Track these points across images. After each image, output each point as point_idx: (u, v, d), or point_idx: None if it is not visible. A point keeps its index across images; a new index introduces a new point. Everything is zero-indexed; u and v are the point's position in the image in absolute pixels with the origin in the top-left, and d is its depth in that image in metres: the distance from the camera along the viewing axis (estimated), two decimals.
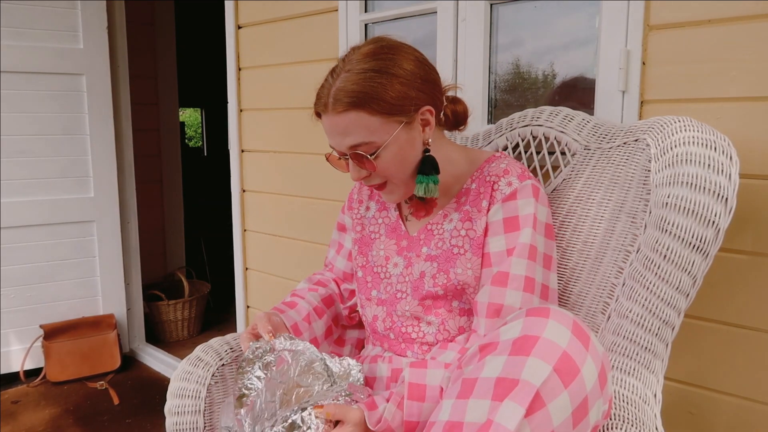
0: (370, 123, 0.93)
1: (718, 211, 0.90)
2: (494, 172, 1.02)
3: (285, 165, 2.11)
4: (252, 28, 2.15)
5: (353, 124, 0.93)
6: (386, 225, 1.13)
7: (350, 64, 0.95)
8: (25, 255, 2.62)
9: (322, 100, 0.97)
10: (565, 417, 0.68)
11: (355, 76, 0.92)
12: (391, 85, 0.92)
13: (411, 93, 0.94)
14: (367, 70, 0.92)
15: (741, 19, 1.11)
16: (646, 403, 0.94)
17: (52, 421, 2.29)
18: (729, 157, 0.93)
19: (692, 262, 0.92)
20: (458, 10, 1.53)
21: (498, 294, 0.95)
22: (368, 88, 0.91)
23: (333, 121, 0.95)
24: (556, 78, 1.46)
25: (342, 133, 0.95)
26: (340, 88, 0.93)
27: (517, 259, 0.96)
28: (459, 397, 0.72)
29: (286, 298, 1.20)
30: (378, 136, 0.94)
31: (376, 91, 0.91)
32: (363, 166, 0.97)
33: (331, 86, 0.95)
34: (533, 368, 0.68)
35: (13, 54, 2.50)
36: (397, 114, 0.94)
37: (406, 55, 0.97)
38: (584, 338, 0.72)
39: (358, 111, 0.92)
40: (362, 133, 0.93)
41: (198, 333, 3.26)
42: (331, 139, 0.99)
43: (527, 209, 0.98)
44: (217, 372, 1.13)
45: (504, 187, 0.99)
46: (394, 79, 0.93)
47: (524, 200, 0.98)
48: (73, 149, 2.68)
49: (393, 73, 0.93)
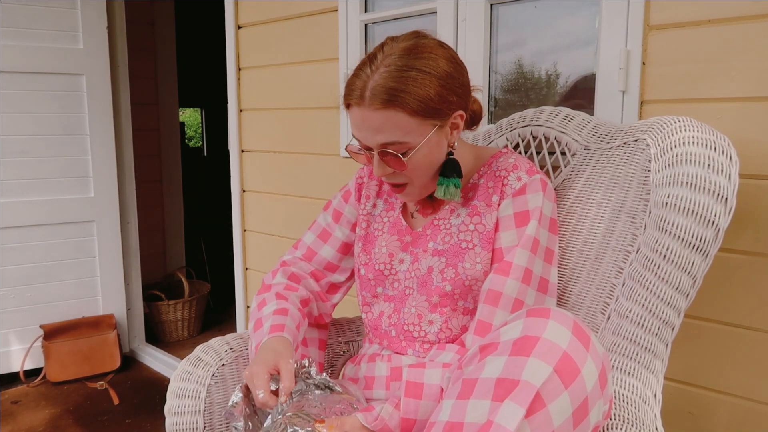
0: (406, 123, 0.91)
1: (718, 211, 0.90)
2: (503, 166, 1.02)
3: (285, 165, 2.11)
4: (252, 28, 2.15)
5: (389, 123, 0.91)
6: (389, 222, 1.13)
7: (390, 58, 0.91)
8: (25, 255, 2.62)
9: (356, 92, 0.93)
10: (566, 417, 0.68)
11: (397, 72, 0.90)
12: (431, 86, 0.91)
13: (449, 97, 0.93)
14: (410, 67, 0.90)
15: (741, 19, 1.11)
16: (646, 403, 0.94)
17: (52, 421, 2.29)
18: (729, 157, 0.93)
19: (692, 262, 0.92)
20: (458, 10, 1.53)
21: (499, 282, 0.96)
22: (409, 86, 0.89)
23: (368, 116, 0.92)
24: (559, 78, 1.46)
25: (375, 129, 0.93)
26: (380, 83, 0.90)
27: (520, 250, 0.97)
28: (459, 398, 0.72)
29: (270, 301, 1.08)
30: (412, 137, 0.93)
31: (416, 90, 0.90)
32: (391, 165, 0.96)
33: (369, 78, 0.91)
34: (533, 369, 0.68)
35: (13, 54, 2.50)
36: (433, 116, 0.93)
37: (445, 54, 0.95)
38: (585, 339, 0.72)
39: (396, 109, 0.90)
40: (397, 132, 0.92)
41: (198, 333, 3.26)
42: (359, 132, 0.96)
43: (535, 202, 0.99)
44: (217, 372, 1.13)
45: (514, 182, 1.00)
46: (435, 81, 0.91)
47: (533, 194, 0.99)
48: (73, 149, 2.68)
49: (434, 74, 0.91)
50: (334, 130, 1.91)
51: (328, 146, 1.94)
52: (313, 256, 1.21)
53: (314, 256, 1.20)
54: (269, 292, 1.11)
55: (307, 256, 1.21)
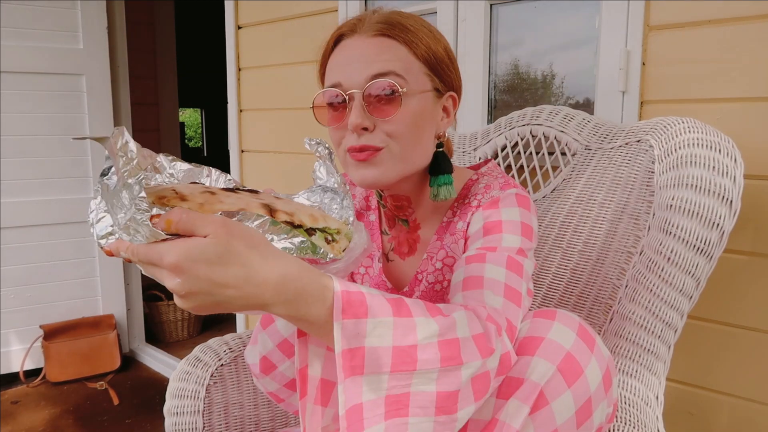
0: (407, 60, 0.79)
1: (723, 214, 0.90)
2: (473, 194, 0.88)
3: (285, 165, 2.10)
4: (252, 29, 2.15)
5: (389, 51, 0.79)
6: (369, 278, 0.96)
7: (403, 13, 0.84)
8: (25, 255, 2.62)
9: (353, 22, 0.84)
10: (569, 416, 0.68)
11: (402, 15, 0.82)
12: (440, 44, 0.83)
13: (450, 68, 0.85)
14: (417, 20, 0.83)
15: (741, 20, 1.11)
16: (647, 404, 0.94)
17: (52, 421, 2.29)
18: (733, 160, 0.93)
19: (696, 264, 0.91)
20: (458, 10, 1.53)
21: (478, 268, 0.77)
22: (418, 30, 0.81)
23: (363, 43, 0.80)
24: (557, 77, 1.45)
25: (370, 58, 0.78)
26: (384, 15, 0.82)
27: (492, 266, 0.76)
28: None
29: None
30: (410, 77, 0.79)
31: (425, 38, 0.81)
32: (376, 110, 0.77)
33: (368, 16, 0.83)
34: (537, 367, 0.68)
35: (13, 54, 2.50)
36: (435, 73, 0.82)
37: (444, 39, 0.87)
38: (589, 341, 0.72)
39: (400, 42, 0.80)
40: (396, 63, 0.78)
41: (197, 333, 3.26)
42: (344, 68, 0.80)
43: (510, 215, 0.81)
44: (216, 372, 1.13)
45: (484, 200, 0.85)
46: (441, 43, 0.83)
47: (507, 208, 0.83)
48: (73, 149, 2.68)
49: (440, 39, 0.84)
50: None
51: None
52: None
53: None
54: None
55: None
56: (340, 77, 0.81)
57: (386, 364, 0.57)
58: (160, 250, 0.52)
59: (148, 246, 0.53)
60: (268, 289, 0.54)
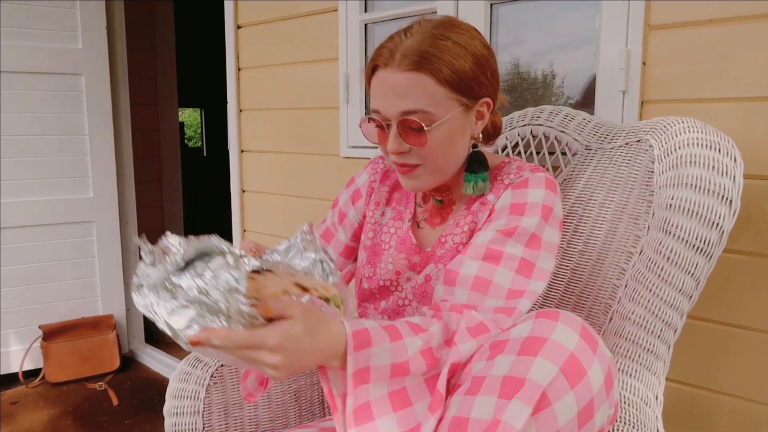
0: (434, 92, 0.86)
1: (722, 213, 0.90)
2: (506, 172, 0.98)
3: (285, 165, 2.10)
4: (252, 28, 2.15)
5: (416, 87, 0.86)
6: (398, 237, 1.06)
7: (426, 26, 0.88)
8: (24, 255, 2.61)
9: (386, 54, 0.88)
10: (571, 418, 0.68)
11: (431, 38, 0.86)
12: (465, 60, 0.87)
13: (481, 77, 0.89)
14: (445, 36, 0.87)
15: (741, 19, 1.11)
16: (647, 404, 0.93)
17: (52, 421, 2.28)
18: (733, 159, 0.92)
19: (695, 264, 0.91)
20: (458, 10, 1.53)
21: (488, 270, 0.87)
22: (443, 53, 0.86)
23: (394, 78, 0.87)
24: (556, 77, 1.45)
25: (400, 94, 0.87)
26: (412, 46, 0.86)
27: (513, 242, 0.87)
28: (467, 394, 0.73)
29: None
30: (437, 108, 0.87)
31: (450, 59, 0.86)
32: (408, 139, 0.89)
33: (402, 42, 0.87)
34: (540, 368, 0.68)
35: (12, 54, 2.49)
36: (462, 93, 0.88)
37: (480, 37, 0.92)
38: (592, 342, 0.72)
39: (426, 74, 0.85)
40: (423, 99, 0.86)
41: None
42: (381, 100, 0.90)
43: (536, 196, 0.91)
44: (216, 373, 1.13)
45: (515, 178, 0.95)
46: (469, 55, 0.87)
47: (535, 189, 0.91)
48: (73, 149, 2.68)
49: (469, 49, 0.88)
50: (334, 130, 1.90)
51: (328, 146, 1.93)
52: None
53: None
54: None
55: None
56: (379, 106, 0.91)
57: (386, 376, 0.74)
58: (263, 334, 0.66)
59: (249, 332, 0.66)
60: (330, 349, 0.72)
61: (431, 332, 0.78)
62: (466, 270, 0.88)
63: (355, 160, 1.85)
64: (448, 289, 0.89)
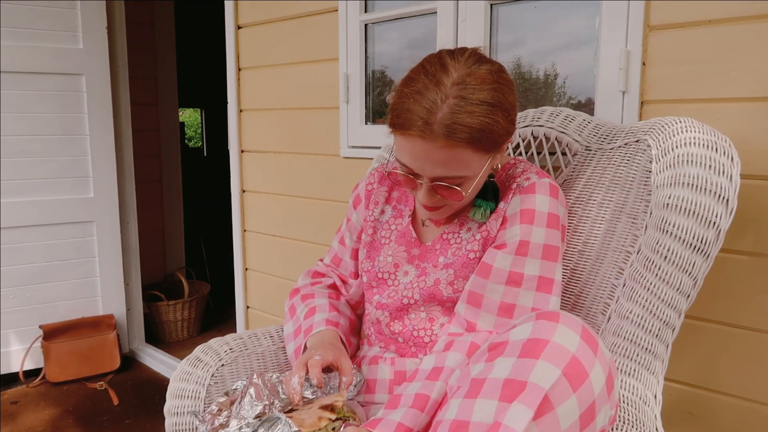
0: (472, 159, 0.88)
1: (719, 212, 0.90)
2: (512, 176, 1.00)
3: (285, 165, 2.10)
4: (252, 28, 2.15)
5: (456, 160, 0.87)
6: (397, 231, 1.10)
7: (467, 90, 0.85)
8: (25, 255, 2.62)
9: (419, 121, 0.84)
10: (573, 421, 0.68)
11: (476, 108, 0.84)
12: (503, 123, 0.88)
13: (510, 128, 0.91)
14: (486, 103, 0.85)
15: (741, 19, 1.11)
16: (646, 404, 0.94)
17: (52, 421, 2.29)
18: (730, 158, 0.93)
19: (693, 263, 0.92)
20: (458, 10, 1.53)
21: (511, 294, 0.94)
22: (486, 126, 0.85)
23: (431, 149, 0.86)
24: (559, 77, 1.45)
25: (436, 163, 0.87)
26: (457, 120, 0.83)
27: (531, 260, 0.94)
28: (467, 396, 0.72)
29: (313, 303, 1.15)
30: (472, 170, 0.90)
31: (492, 130, 0.86)
32: (444, 196, 0.92)
33: (437, 109, 0.84)
34: (542, 371, 0.68)
35: (13, 54, 2.50)
36: (489, 149, 0.89)
37: (508, 81, 0.91)
38: (593, 344, 0.72)
39: (467, 148, 0.86)
40: (460, 168, 0.88)
41: (198, 333, 3.26)
42: (413, 161, 0.89)
43: (543, 204, 0.95)
44: (216, 373, 1.13)
45: (522, 182, 0.97)
46: (505, 117, 0.88)
47: (542, 196, 0.95)
48: (73, 149, 2.68)
49: (506, 108, 0.88)
50: (334, 130, 1.91)
51: (328, 146, 1.93)
52: (339, 263, 1.23)
53: (340, 262, 1.22)
54: (297, 296, 1.18)
55: (334, 261, 1.24)
56: (411, 164, 0.90)
57: None
58: None
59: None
60: None
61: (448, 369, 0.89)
62: (491, 294, 0.95)
63: (355, 160, 1.85)
64: (472, 310, 0.96)
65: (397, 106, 0.88)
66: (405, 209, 1.11)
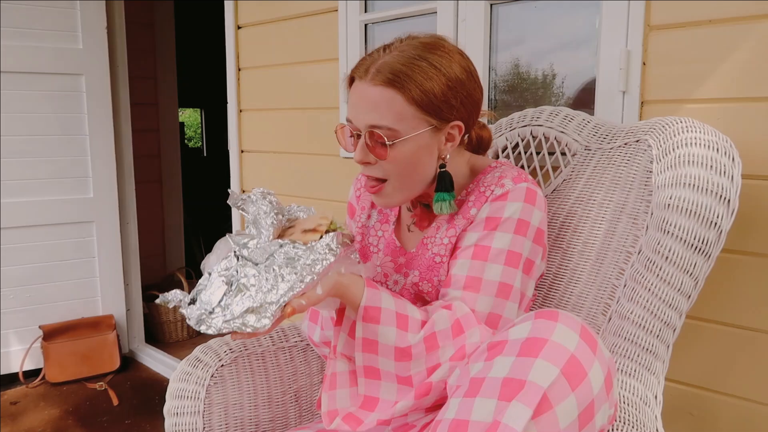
0: (401, 109, 0.89)
1: (721, 213, 0.90)
2: (488, 182, 0.98)
3: (285, 165, 2.10)
4: (252, 29, 2.15)
5: (385, 103, 0.89)
6: (384, 239, 1.09)
7: (406, 45, 0.92)
8: (24, 255, 2.62)
9: (363, 66, 0.92)
10: (572, 420, 0.68)
11: (406, 57, 0.89)
12: (438, 81, 0.89)
13: (452, 100, 0.91)
14: (421, 57, 0.90)
15: (741, 19, 1.11)
16: (646, 404, 0.93)
17: (52, 422, 2.28)
18: (731, 159, 0.93)
19: (694, 263, 0.91)
20: (458, 10, 1.53)
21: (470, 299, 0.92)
22: (415, 73, 0.88)
23: (366, 91, 0.91)
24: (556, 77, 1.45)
25: (370, 107, 0.91)
26: (387, 61, 0.89)
27: (491, 265, 0.92)
28: (466, 396, 0.72)
29: None
30: (403, 126, 0.90)
31: (422, 80, 0.88)
32: (373, 151, 0.92)
33: (379, 57, 0.91)
34: (541, 370, 0.68)
35: (12, 54, 2.50)
36: (431, 114, 0.91)
37: (462, 62, 0.93)
38: (592, 343, 0.72)
39: (396, 91, 0.88)
40: (390, 116, 0.90)
41: (197, 334, 3.25)
42: (353, 110, 0.94)
43: (512, 211, 0.93)
44: (216, 373, 1.13)
45: (496, 189, 0.95)
46: (442, 78, 0.90)
47: (513, 202, 0.93)
48: (73, 150, 2.68)
49: (444, 72, 0.90)
50: (333, 130, 1.90)
51: (328, 146, 1.93)
52: None
53: None
54: None
55: None
56: (351, 116, 0.95)
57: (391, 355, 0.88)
58: None
59: None
60: None
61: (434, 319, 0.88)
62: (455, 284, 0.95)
63: None
64: None
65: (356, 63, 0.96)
66: (390, 214, 1.10)
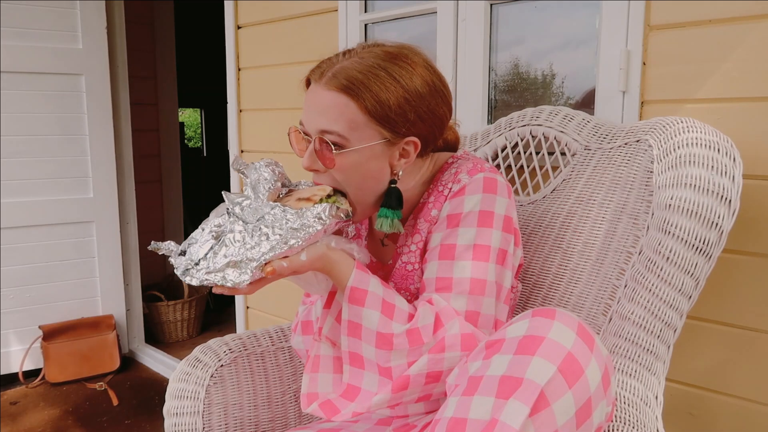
0: (353, 117, 0.86)
1: (722, 213, 0.90)
2: (445, 180, 0.96)
3: (284, 165, 2.10)
4: (252, 28, 2.15)
5: (336, 109, 0.86)
6: None
7: (367, 52, 0.88)
8: (24, 255, 2.61)
9: (320, 70, 0.89)
10: (569, 417, 0.68)
11: (365, 65, 0.86)
12: (394, 93, 0.86)
13: (409, 115, 0.87)
14: (380, 66, 0.86)
15: (741, 19, 1.11)
16: (647, 404, 0.93)
17: (52, 422, 2.28)
18: (732, 159, 0.92)
19: (695, 263, 0.91)
20: (458, 10, 1.53)
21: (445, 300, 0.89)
22: (371, 81, 0.85)
23: (319, 94, 0.87)
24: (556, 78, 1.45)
25: (321, 111, 0.87)
26: (345, 66, 0.86)
27: (459, 263, 0.89)
28: (464, 394, 0.72)
29: None
30: (355, 135, 0.86)
31: (377, 89, 0.85)
32: (321, 157, 0.88)
33: (337, 62, 0.88)
34: (537, 368, 0.68)
35: (12, 54, 2.49)
36: (384, 126, 0.87)
37: (426, 75, 0.89)
38: (589, 340, 0.72)
39: (350, 98, 0.85)
40: (340, 123, 0.86)
41: (197, 334, 3.26)
42: (306, 113, 0.91)
43: (471, 204, 0.90)
44: (215, 373, 1.13)
45: (454, 186, 0.93)
46: (400, 90, 0.86)
47: (471, 195, 0.90)
48: (73, 150, 2.68)
49: (402, 84, 0.86)
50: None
51: None
52: None
53: None
54: None
55: None
56: (303, 119, 0.92)
57: (373, 341, 0.86)
58: None
59: None
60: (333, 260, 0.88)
61: (419, 314, 0.86)
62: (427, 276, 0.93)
63: None
64: None
65: None
66: (362, 228, 1.07)
